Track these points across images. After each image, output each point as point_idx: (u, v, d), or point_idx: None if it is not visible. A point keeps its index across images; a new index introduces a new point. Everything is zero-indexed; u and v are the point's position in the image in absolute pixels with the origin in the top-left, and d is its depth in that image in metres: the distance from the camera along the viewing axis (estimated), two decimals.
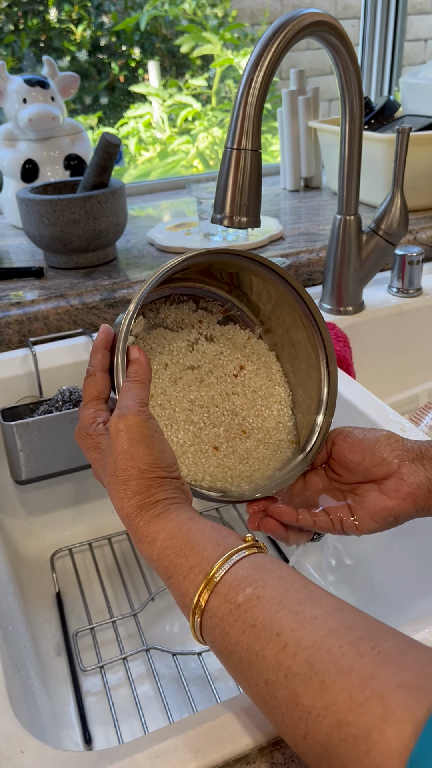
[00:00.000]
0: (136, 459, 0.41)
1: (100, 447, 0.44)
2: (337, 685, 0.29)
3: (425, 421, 0.77)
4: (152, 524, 0.40)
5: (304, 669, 0.30)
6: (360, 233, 0.82)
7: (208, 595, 0.35)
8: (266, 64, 0.60)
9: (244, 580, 0.35)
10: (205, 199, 0.97)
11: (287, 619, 0.32)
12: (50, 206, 0.86)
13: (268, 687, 0.31)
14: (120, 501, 0.42)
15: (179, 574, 0.37)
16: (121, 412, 0.43)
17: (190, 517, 0.40)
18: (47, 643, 0.70)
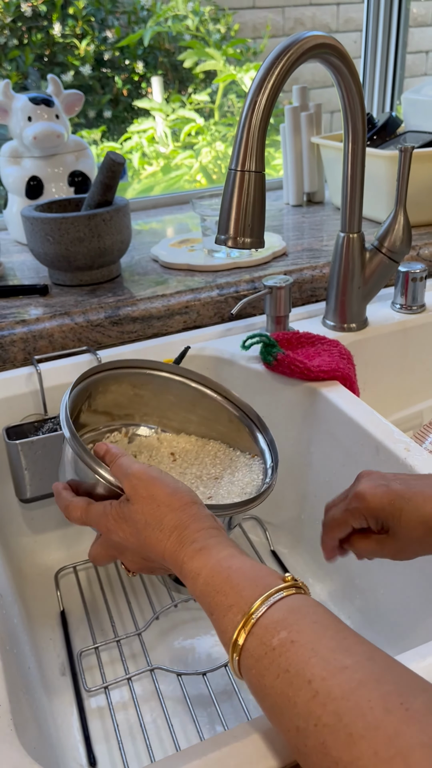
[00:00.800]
0: (158, 497, 0.46)
1: (124, 514, 0.48)
2: (364, 741, 0.30)
3: (430, 438, 0.77)
4: (195, 560, 0.42)
5: (333, 720, 0.31)
6: (363, 251, 0.82)
7: (245, 635, 0.37)
8: (270, 86, 0.60)
9: (279, 623, 0.36)
10: (208, 216, 0.97)
11: (318, 667, 0.33)
12: (55, 224, 0.86)
13: (299, 734, 0.33)
14: (162, 545, 0.44)
15: (219, 611, 0.39)
16: (124, 474, 0.49)
17: (231, 554, 0.42)
18: (52, 663, 0.70)
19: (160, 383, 0.69)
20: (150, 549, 0.46)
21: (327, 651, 0.34)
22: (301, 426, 0.79)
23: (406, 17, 1.52)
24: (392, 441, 0.65)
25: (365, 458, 0.68)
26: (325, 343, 0.80)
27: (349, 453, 0.71)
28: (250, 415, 0.67)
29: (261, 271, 0.95)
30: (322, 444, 0.76)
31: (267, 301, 0.82)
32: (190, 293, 0.90)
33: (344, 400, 0.72)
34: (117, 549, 0.50)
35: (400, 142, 1.17)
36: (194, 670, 0.67)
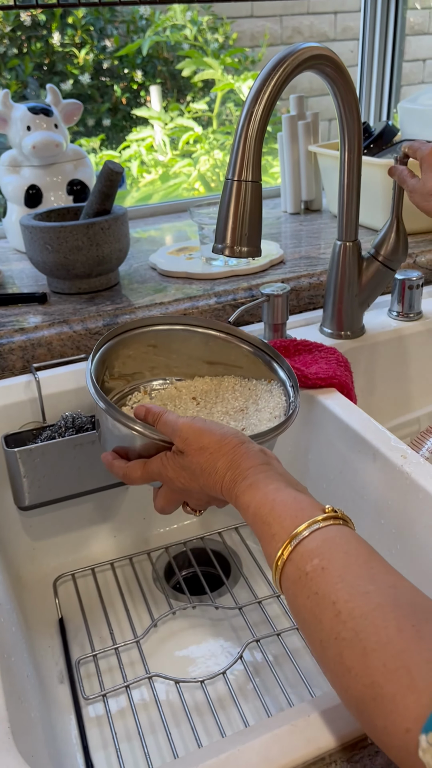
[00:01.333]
0: (208, 447, 0.51)
1: (181, 464, 0.53)
2: (375, 654, 0.34)
3: (426, 446, 0.77)
4: (246, 495, 0.47)
5: (350, 635, 0.35)
6: (360, 259, 0.82)
7: (284, 561, 0.42)
8: (266, 97, 0.61)
9: (313, 551, 0.41)
10: (206, 224, 0.98)
11: (343, 591, 0.37)
12: (54, 233, 0.87)
13: (322, 646, 0.37)
14: (218, 486, 0.50)
15: (265, 539, 0.44)
16: (173, 429, 0.53)
17: (276, 488, 0.46)
18: (50, 671, 0.70)
19: (166, 336, 0.72)
20: (211, 489, 0.51)
21: (353, 577, 0.38)
22: (298, 433, 0.79)
23: (403, 26, 1.53)
24: (389, 448, 0.65)
25: (362, 465, 0.68)
26: (322, 350, 0.81)
27: (346, 460, 0.71)
28: (261, 347, 0.71)
29: (258, 279, 0.95)
30: (320, 451, 0.77)
31: (264, 309, 0.83)
32: (188, 301, 0.90)
33: (341, 407, 0.72)
34: (182, 493, 0.56)
35: (397, 151, 1.18)
36: (193, 677, 0.67)
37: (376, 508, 0.67)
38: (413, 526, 0.62)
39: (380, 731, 0.33)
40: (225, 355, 0.73)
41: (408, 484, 0.61)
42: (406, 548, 0.63)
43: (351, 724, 0.40)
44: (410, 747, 0.31)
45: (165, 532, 0.88)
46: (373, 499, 0.67)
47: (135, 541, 0.87)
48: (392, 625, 0.34)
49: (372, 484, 0.67)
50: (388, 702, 0.32)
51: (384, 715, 0.33)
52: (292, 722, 0.39)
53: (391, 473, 0.64)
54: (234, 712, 0.64)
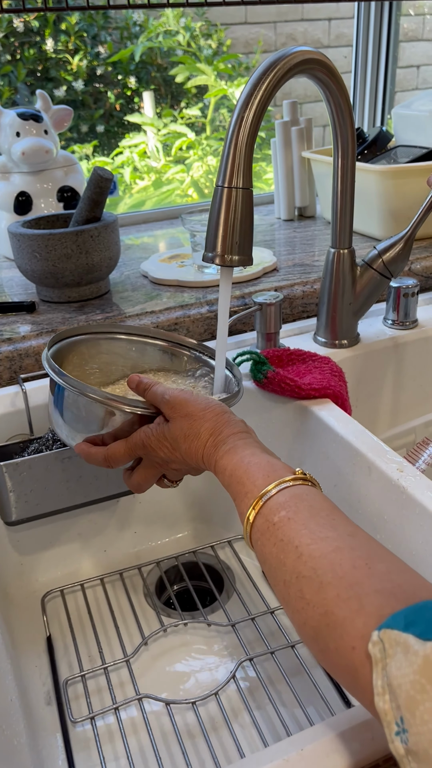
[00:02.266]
0: (193, 414, 0.54)
1: (164, 433, 0.56)
2: (331, 586, 0.38)
3: (423, 458, 0.75)
4: (224, 458, 0.51)
5: (310, 573, 0.39)
6: (354, 267, 0.81)
7: (254, 514, 0.46)
8: (257, 102, 0.59)
9: (282, 505, 0.45)
10: (198, 231, 0.96)
11: (306, 537, 0.41)
12: (42, 241, 0.85)
13: (285, 586, 0.41)
14: (200, 451, 0.53)
15: (239, 497, 0.48)
16: (161, 399, 0.56)
17: (252, 452, 0.50)
18: (37, 692, 0.68)
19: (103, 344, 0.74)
20: (190, 457, 0.54)
21: (316, 526, 0.42)
22: (292, 445, 0.77)
23: (396, 32, 1.53)
24: (385, 461, 0.63)
25: (357, 478, 0.67)
26: (316, 360, 0.79)
27: (341, 473, 0.70)
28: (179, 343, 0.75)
29: (251, 287, 0.94)
30: (314, 464, 0.75)
31: (257, 317, 0.81)
32: (180, 309, 0.89)
33: (336, 418, 0.71)
34: (161, 465, 0.59)
35: (391, 157, 1.17)
36: (184, 698, 0.65)
37: (371, 522, 0.65)
38: (410, 541, 0.60)
39: (332, 653, 0.36)
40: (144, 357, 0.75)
41: (404, 499, 0.60)
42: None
43: (345, 758, 0.38)
44: (355, 663, 0.35)
45: (156, 546, 0.86)
46: (369, 513, 0.65)
47: (126, 555, 0.85)
48: (347, 563, 0.38)
49: (368, 498, 0.65)
50: (338, 626, 0.36)
51: (335, 638, 0.36)
52: (284, 757, 0.37)
53: (387, 487, 0.62)
54: (226, 734, 0.62)
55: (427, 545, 0.58)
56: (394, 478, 0.61)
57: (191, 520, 0.89)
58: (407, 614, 0.33)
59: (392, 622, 0.33)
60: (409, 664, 0.31)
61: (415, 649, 0.31)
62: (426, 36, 2.69)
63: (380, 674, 0.33)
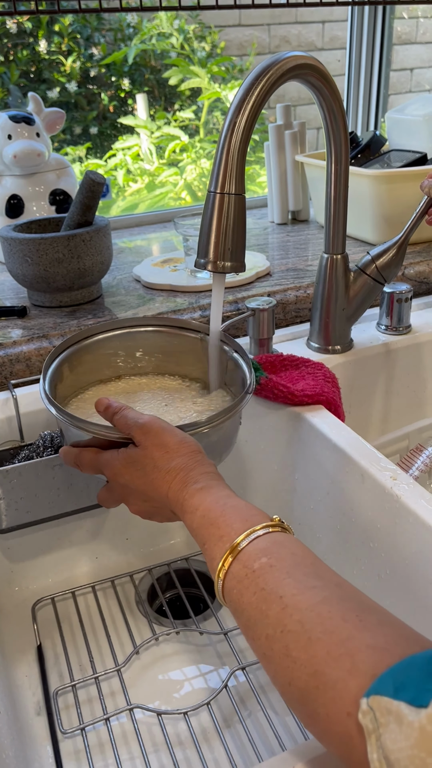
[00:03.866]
0: (167, 444, 0.51)
1: (132, 458, 0.53)
2: (320, 643, 0.35)
3: (416, 465, 0.75)
4: (195, 497, 0.48)
5: (297, 627, 0.36)
6: (347, 272, 0.80)
7: (231, 560, 0.42)
8: (249, 107, 0.59)
9: (262, 551, 0.41)
10: (191, 236, 0.96)
11: (290, 586, 0.38)
12: (33, 245, 0.84)
13: (268, 641, 0.38)
14: (167, 484, 0.50)
15: (211, 541, 0.44)
16: (135, 422, 0.53)
17: (227, 494, 0.47)
18: (26, 702, 0.67)
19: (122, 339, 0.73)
20: (155, 489, 0.51)
21: (300, 575, 0.39)
22: (284, 452, 0.77)
23: (390, 35, 1.53)
24: (378, 469, 0.63)
25: (350, 486, 0.66)
26: (309, 365, 0.79)
27: (333, 480, 0.69)
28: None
29: (244, 292, 0.93)
30: (307, 471, 0.74)
31: (250, 323, 0.81)
32: (173, 314, 0.88)
33: (329, 425, 0.70)
34: (123, 491, 0.55)
35: (385, 161, 1.17)
36: (175, 708, 0.65)
37: (364, 531, 0.64)
38: (403, 550, 0.59)
39: (322, 719, 0.33)
40: (177, 349, 0.74)
41: (398, 507, 0.59)
42: (396, 573, 0.61)
43: None
44: (350, 730, 0.31)
45: (148, 553, 0.86)
46: (362, 522, 0.65)
47: (117, 562, 0.84)
48: (337, 615, 0.35)
49: (361, 506, 0.65)
50: (330, 689, 0.33)
51: (326, 703, 0.33)
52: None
53: (380, 495, 0.62)
54: (218, 744, 0.62)
55: (421, 554, 0.57)
56: (388, 486, 0.61)
57: (183, 526, 0.88)
58: (395, 675, 0.31)
59: (380, 686, 0.31)
60: (404, 738, 0.29)
61: (410, 719, 0.29)
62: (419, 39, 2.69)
63: (374, 746, 0.30)
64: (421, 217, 0.78)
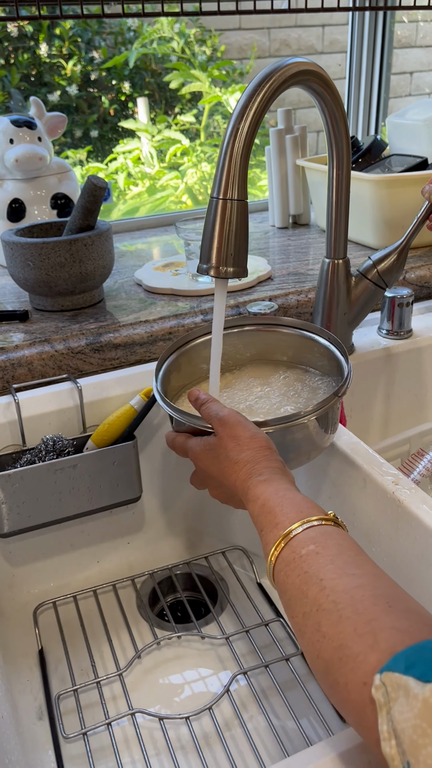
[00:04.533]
0: (240, 437, 0.55)
1: (211, 446, 0.57)
2: (349, 621, 0.37)
3: (417, 470, 0.75)
4: (258, 487, 0.51)
5: (330, 606, 0.39)
6: (349, 277, 0.81)
7: (283, 546, 0.45)
8: (252, 114, 0.59)
9: (311, 539, 0.44)
10: (192, 240, 0.96)
11: (331, 571, 0.41)
12: (35, 249, 0.84)
13: (304, 618, 0.41)
14: (236, 474, 0.53)
15: (268, 528, 0.47)
16: (216, 414, 0.57)
17: (288, 488, 0.50)
18: (28, 707, 0.67)
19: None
20: (226, 477, 0.55)
21: (342, 563, 0.42)
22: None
23: (390, 39, 1.53)
24: (380, 473, 0.63)
25: (352, 491, 0.66)
26: None
27: (335, 485, 0.69)
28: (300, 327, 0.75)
29: (246, 296, 0.94)
30: (309, 475, 0.74)
31: None
32: (174, 319, 0.88)
33: None
34: (203, 476, 0.60)
35: (385, 165, 1.17)
36: (177, 712, 0.65)
37: (367, 535, 0.65)
38: (405, 554, 0.60)
39: (341, 688, 0.36)
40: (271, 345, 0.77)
41: (400, 512, 0.59)
42: (398, 578, 0.61)
43: None
44: (364, 699, 0.34)
45: (150, 557, 0.86)
46: (364, 526, 0.65)
47: (119, 566, 0.84)
48: (369, 600, 0.38)
49: (363, 511, 0.65)
50: (351, 660, 0.36)
51: (346, 672, 0.36)
52: None
53: (382, 500, 0.62)
54: (220, 749, 0.62)
55: (423, 558, 0.57)
56: (390, 490, 0.61)
57: (185, 530, 0.88)
58: (408, 655, 0.33)
59: (393, 664, 0.33)
60: (410, 708, 0.31)
61: (415, 692, 0.31)
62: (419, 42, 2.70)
63: (385, 719, 0.32)
64: (422, 223, 0.78)
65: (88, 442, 0.75)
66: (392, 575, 0.61)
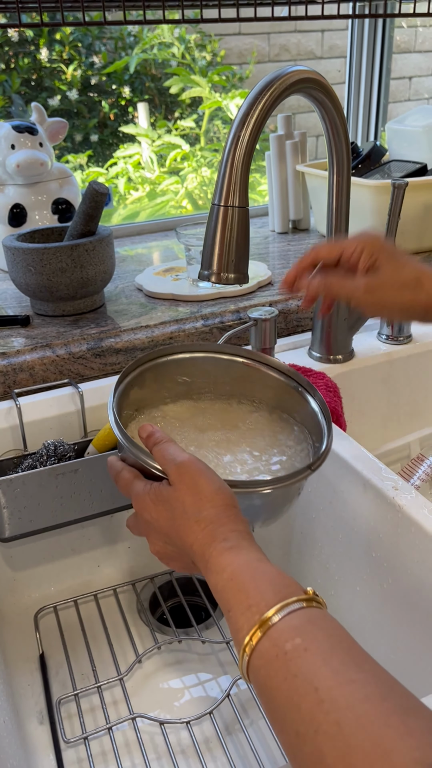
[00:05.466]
0: (201, 490, 0.47)
1: (162, 497, 0.48)
2: (361, 752, 0.30)
3: (417, 474, 0.76)
4: (223, 556, 0.43)
5: (333, 729, 0.32)
6: None
7: (260, 635, 0.37)
8: (253, 121, 0.60)
9: (295, 629, 0.37)
10: (193, 245, 0.96)
11: (327, 677, 0.34)
12: (37, 255, 0.85)
13: (298, 739, 0.33)
14: (193, 535, 0.46)
15: (238, 609, 0.40)
16: (173, 459, 0.49)
17: (259, 558, 0.43)
18: (29, 711, 0.67)
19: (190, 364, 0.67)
20: (180, 536, 0.47)
21: (338, 663, 0.34)
22: None
23: (390, 45, 1.54)
24: (380, 479, 0.63)
25: (352, 496, 0.67)
26: (311, 375, 0.79)
27: (336, 490, 0.70)
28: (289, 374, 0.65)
29: (246, 301, 0.94)
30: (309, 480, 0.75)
31: (252, 333, 0.81)
32: (175, 324, 0.89)
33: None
34: (146, 527, 0.51)
35: (385, 171, 1.18)
36: (178, 717, 0.65)
37: (367, 540, 0.65)
38: (405, 560, 0.60)
39: None
40: (250, 384, 0.67)
41: (400, 517, 0.60)
42: (398, 583, 0.61)
43: None
44: None
45: (150, 562, 0.86)
46: (364, 531, 0.65)
47: (119, 571, 0.84)
48: (380, 719, 0.31)
49: (363, 516, 0.65)
50: None
51: None
52: None
53: (382, 505, 0.62)
54: (221, 754, 0.62)
55: (423, 564, 0.58)
56: (390, 496, 0.61)
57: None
58: None
59: None
60: None
61: None
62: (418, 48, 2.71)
63: None
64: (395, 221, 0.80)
65: (89, 447, 0.76)
66: (392, 580, 0.62)
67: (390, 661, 0.63)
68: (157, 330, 0.87)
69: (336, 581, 0.70)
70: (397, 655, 0.62)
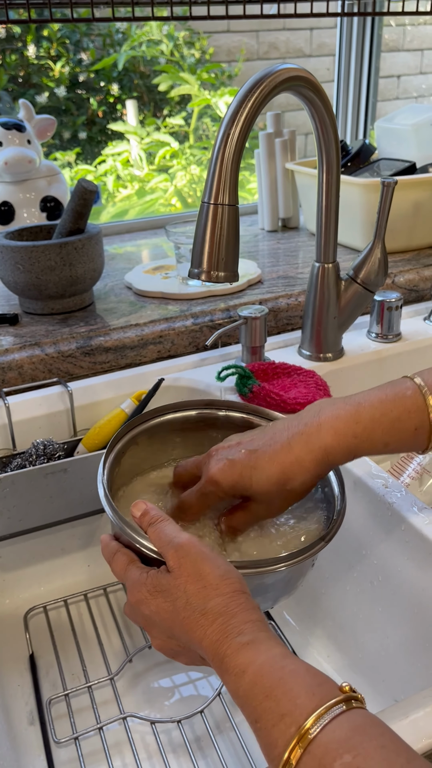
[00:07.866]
0: (205, 577, 0.41)
1: (161, 587, 0.43)
2: None
3: (407, 472, 0.76)
4: (241, 654, 0.37)
5: None
6: (338, 280, 0.81)
7: (300, 753, 0.32)
8: (243, 119, 0.59)
9: (342, 743, 0.31)
10: (182, 243, 0.96)
11: None
12: (25, 253, 0.84)
13: None
14: (202, 630, 0.39)
15: (268, 719, 0.34)
16: (171, 541, 0.43)
17: (283, 653, 0.37)
18: (20, 712, 0.67)
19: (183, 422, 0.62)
20: (186, 632, 0.41)
21: None
22: None
23: (379, 43, 1.54)
24: (370, 477, 0.64)
25: None
26: (301, 373, 0.79)
27: None
28: None
29: (236, 300, 0.94)
30: None
31: (242, 331, 0.81)
32: (165, 322, 0.88)
33: None
34: (144, 621, 0.45)
35: (374, 169, 1.18)
36: (169, 716, 0.65)
37: (357, 538, 0.65)
38: (395, 557, 0.60)
39: None
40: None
41: (390, 515, 0.60)
42: (388, 580, 0.61)
43: None
44: None
45: None
46: (354, 529, 0.65)
47: (109, 570, 0.83)
48: None
49: (353, 514, 0.65)
50: None
51: None
52: None
53: (372, 502, 0.62)
54: (212, 752, 0.62)
55: (413, 561, 0.58)
56: (380, 494, 0.61)
57: None
58: None
59: None
60: None
61: None
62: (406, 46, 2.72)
63: None
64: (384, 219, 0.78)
65: (79, 446, 0.75)
66: (383, 577, 0.62)
67: (380, 657, 0.63)
68: (147, 328, 0.87)
69: (326, 579, 0.70)
70: (387, 652, 0.62)
